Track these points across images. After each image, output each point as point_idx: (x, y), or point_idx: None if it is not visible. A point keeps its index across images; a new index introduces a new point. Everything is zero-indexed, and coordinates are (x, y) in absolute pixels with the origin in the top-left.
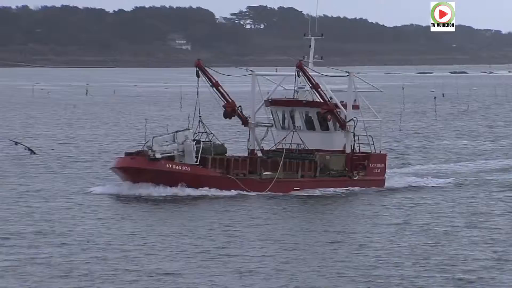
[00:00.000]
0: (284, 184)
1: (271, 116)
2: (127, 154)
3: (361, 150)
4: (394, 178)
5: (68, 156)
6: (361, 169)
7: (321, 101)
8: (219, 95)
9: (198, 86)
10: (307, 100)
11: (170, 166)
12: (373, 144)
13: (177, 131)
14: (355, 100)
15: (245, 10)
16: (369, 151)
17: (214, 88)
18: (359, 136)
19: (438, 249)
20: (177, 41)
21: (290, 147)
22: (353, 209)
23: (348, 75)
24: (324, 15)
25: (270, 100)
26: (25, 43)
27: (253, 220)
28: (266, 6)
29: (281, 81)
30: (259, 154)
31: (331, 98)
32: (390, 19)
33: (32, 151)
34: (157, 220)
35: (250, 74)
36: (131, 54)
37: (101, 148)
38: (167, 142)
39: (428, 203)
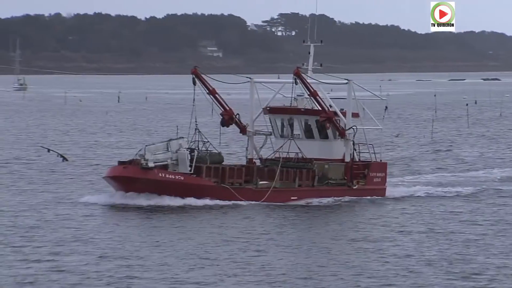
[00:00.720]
0: (281, 194)
1: (270, 124)
2: (120, 162)
3: (361, 159)
4: (412, 186)
5: (98, 164)
6: (361, 178)
7: (320, 109)
8: (216, 102)
9: (194, 93)
10: (306, 108)
11: (163, 175)
12: (374, 152)
13: (170, 140)
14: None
15: (277, 17)
16: (369, 160)
17: (211, 95)
18: (359, 144)
19: (453, 258)
20: (208, 48)
21: (287, 156)
22: (356, 218)
23: (347, 83)
24: (355, 22)
25: (268, 108)
26: (57, 50)
27: (270, 229)
28: (298, 13)
29: (280, 88)
30: (258, 163)
31: (330, 106)
32: (422, 25)
33: (64, 158)
34: (179, 228)
35: (248, 81)
36: (163, 61)
37: (132, 155)
38: (160, 150)
39: (426, 213)
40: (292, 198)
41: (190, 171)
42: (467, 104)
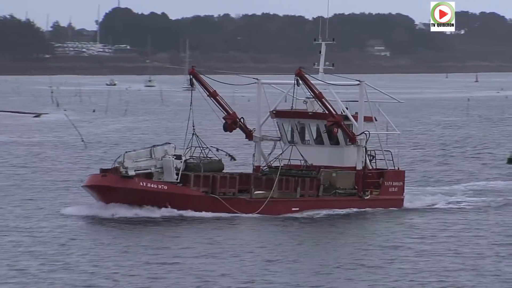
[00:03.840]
0: (280, 205)
1: (278, 129)
2: (102, 170)
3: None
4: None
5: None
6: (375, 187)
7: (327, 112)
8: (218, 105)
9: (191, 96)
10: (315, 111)
11: (144, 184)
12: (392, 159)
13: (154, 146)
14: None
15: None
16: (384, 168)
17: (212, 98)
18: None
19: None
20: (375, 48)
21: (289, 163)
22: (360, 230)
23: (359, 84)
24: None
25: (274, 112)
26: (226, 51)
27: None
28: (468, 11)
29: (288, 90)
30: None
31: (344, 109)
32: None
33: (232, 158)
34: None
35: (255, 82)
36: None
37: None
38: (142, 157)
39: (440, 227)
40: (293, 209)
41: (177, 179)
42: None
